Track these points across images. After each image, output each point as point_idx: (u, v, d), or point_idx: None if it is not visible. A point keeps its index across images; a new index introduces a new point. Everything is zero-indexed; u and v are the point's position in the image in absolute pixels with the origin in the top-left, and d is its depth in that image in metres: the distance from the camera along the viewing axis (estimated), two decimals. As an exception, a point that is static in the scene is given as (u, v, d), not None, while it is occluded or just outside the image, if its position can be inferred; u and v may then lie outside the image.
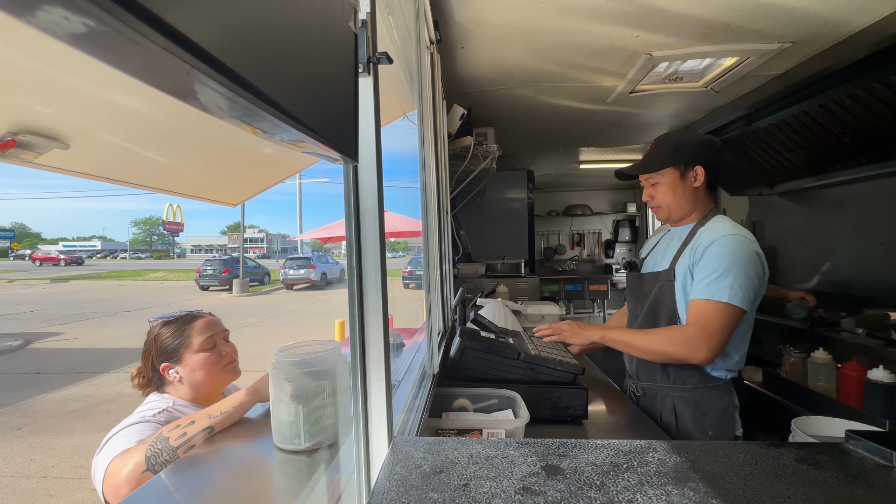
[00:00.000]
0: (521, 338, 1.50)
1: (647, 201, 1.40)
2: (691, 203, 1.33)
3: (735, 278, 1.16)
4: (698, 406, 1.26)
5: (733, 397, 1.25)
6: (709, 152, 1.31)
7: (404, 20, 1.19)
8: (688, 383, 1.27)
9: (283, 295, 15.12)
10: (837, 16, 1.48)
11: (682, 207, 1.34)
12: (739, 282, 1.15)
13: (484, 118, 2.58)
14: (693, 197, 1.33)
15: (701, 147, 1.31)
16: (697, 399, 1.26)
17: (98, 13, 0.16)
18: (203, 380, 1.14)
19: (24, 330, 8.55)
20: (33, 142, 0.78)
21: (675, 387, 1.29)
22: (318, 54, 0.42)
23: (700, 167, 1.30)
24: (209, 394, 1.16)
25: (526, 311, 2.76)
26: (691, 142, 1.32)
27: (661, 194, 1.35)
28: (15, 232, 76.68)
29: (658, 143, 1.36)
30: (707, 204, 1.35)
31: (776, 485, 0.58)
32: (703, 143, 1.32)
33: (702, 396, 1.26)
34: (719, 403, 1.24)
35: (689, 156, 1.31)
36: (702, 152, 1.31)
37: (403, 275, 14.26)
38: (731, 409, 1.24)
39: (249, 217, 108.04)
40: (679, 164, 1.31)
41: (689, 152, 1.31)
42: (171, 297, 14.57)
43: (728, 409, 1.24)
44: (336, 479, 0.68)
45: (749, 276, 1.17)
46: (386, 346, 0.66)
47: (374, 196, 0.65)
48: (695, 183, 1.31)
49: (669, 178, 1.33)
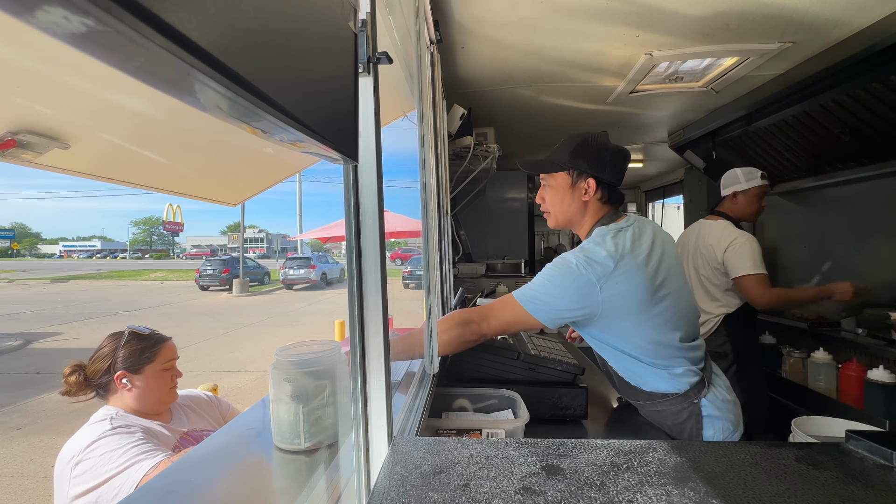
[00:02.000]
0: (521, 338, 1.50)
1: (539, 203, 1.29)
2: (579, 215, 1.22)
3: (535, 285, 1.13)
4: (657, 419, 1.20)
5: (695, 409, 1.14)
6: (607, 164, 1.17)
7: (404, 20, 1.19)
8: (638, 399, 1.20)
9: (283, 295, 15.12)
10: (837, 16, 1.48)
11: (569, 218, 1.23)
12: (536, 290, 1.12)
13: (484, 118, 2.58)
14: (581, 209, 1.21)
15: (599, 157, 1.17)
16: (653, 413, 1.19)
17: (98, 13, 0.16)
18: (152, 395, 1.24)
19: (24, 330, 8.55)
20: (33, 142, 0.78)
21: (634, 401, 1.23)
22: (318, 54, 0.42)
23: (592, 180, 1.17)
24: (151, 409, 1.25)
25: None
26: (591, 150, 1.18)
27: (549, 199, 1.24)
28: (15, 232, 76.72)
29: (563, 142, 1.23)
30: (596, 217, 1.21)
31: (776, 485, 0.58)
32: (603, 152, 1.17)
33: (656, 411, 1.18)
34: (674, 418, 1.15)
35: (584, 164, 1.18)
36: (599, 164, 1.17)
37: (403, 275, 14.27)
38: (689, 423, 1.14)
39: (249, 217, 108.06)
40: (572, 170, 1.19)
41: (585, 160, 1.18)
42: (171, 297, 14.58)
43: (686, 423, 1.14)
44: (336, 479, 0.68)
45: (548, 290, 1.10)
46: (386, 346, 0.66)
47: (374, 196, 0.65)
48: (584, 196, 1.19)
49: (560, 184, 1.21)
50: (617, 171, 1.19)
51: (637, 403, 1.22)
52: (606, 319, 1.10)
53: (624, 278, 1.06)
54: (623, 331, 1.12)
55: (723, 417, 1.15)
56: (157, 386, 1.24)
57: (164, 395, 1.27)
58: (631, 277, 1.07)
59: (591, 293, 1.06)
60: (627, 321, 1.10)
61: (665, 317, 1.11)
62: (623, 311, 1.09)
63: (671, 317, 1.12)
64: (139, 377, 1.21)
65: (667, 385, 1.14)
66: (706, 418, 1.14)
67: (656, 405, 1.17)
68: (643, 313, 1.09)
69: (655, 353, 1.13)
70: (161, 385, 1.25)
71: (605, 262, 1.07)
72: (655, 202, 5.17)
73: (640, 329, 1.11)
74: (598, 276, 1.06)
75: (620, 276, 1.06)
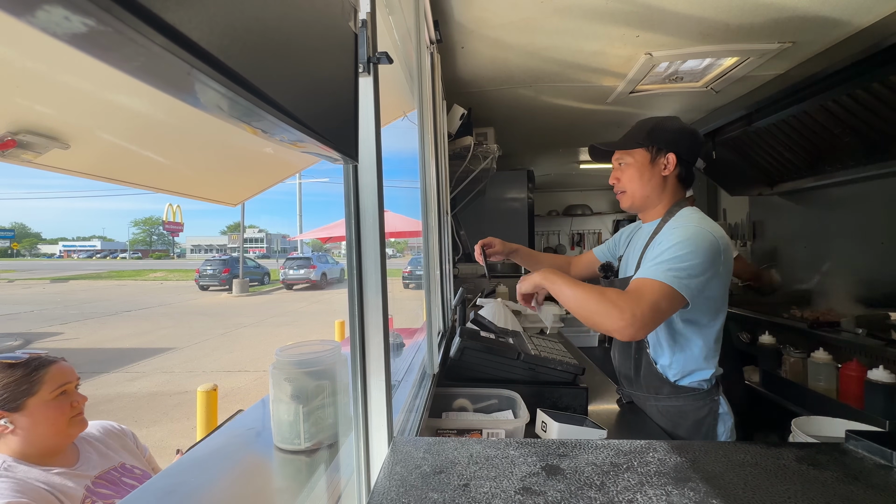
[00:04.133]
0: (521, 338, 1.50)
1: (613, 184, 1.28)
2: (657, 193, 1.22)
3: (681, 262, 1.03)
4: (673, 416, 1.19)
5: (714, 406, 1.17)
6: (686, 142, 1.20)
7: (404, 20, 1.19)
8: (661, 393, 1.20)
9: (283, 295, 15.12)
10: (837, 16, 1.48)
11: (647, 196, 1.23)
12: (687, 270, 1.02)
13: (484, 118, 2.58)
14: (660, 186, 1.21)
15: (679, 135, 1.20)
16: (671, 409, 1.19)
17: (98, 13, 0.16)
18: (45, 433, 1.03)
19: (24, 330, 8.55)
20: (33, 142, 0.78)
21: (650, 396, 1.23)
22: (318, 54, 0.42)
23: (672, 154, 1.19)
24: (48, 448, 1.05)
25: (526, 311, 2.76)
26: (670, 128, 1.21)
27: (626, 177, 1.24)
28: (15, 232, 76.71)
29: (637, 124, 1.26)
30: (676, 197, 1.23)
31: (776, 485, 0.58)
32: (683, 131, 1.21)
33: (675, 406, 1.18)
34: (694, 414, 1.16)
35: (663, 140, 1.19)
36: (679, 140, 1.20)
37: (403, 275, 14.26)
38: (708, 419, 1.16)
39: (249, 217, 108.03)
40: (651, 146, 1.20)
41: (664, 137, 1.19)
42: (170, 297, 14.58)
43: (705, 419, 1.16)
44: (336, 479, 0.68)
45: (701, 268, 1.03)
46: (386, 346, 0.66)
47: (374, 196, 0.65)
48: (664, 171, 1.20)
49: (639, 161, 1.22)
50: (693, 149, 1.22)
51: (653, 397, 1.21)
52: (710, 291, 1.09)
53: (727, 258, 1.09)
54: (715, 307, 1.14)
55: (730, 415, 1.18)
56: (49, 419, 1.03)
57: (61, 428, 1.05)
58: (729, 260, 1.10)
59: (717, 259, 1.06)
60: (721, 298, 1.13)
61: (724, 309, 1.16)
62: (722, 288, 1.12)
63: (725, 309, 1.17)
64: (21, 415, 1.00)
65: (699, 381, 1.16)
66: (721, 416, 1.17)
67: (679, 399, 1.17)
68: (722, 299, 1.14)
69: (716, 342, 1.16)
70: (56, 417, 1.04)
71: (724, 237, 1.09)
72: (655, 202, 5.18)
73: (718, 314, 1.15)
74: (721, 246, 1.07)
75: (727, 254, 1.09)
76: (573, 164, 4.09)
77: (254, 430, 0.85)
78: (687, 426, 1.17)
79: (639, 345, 1.23)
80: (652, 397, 1.22)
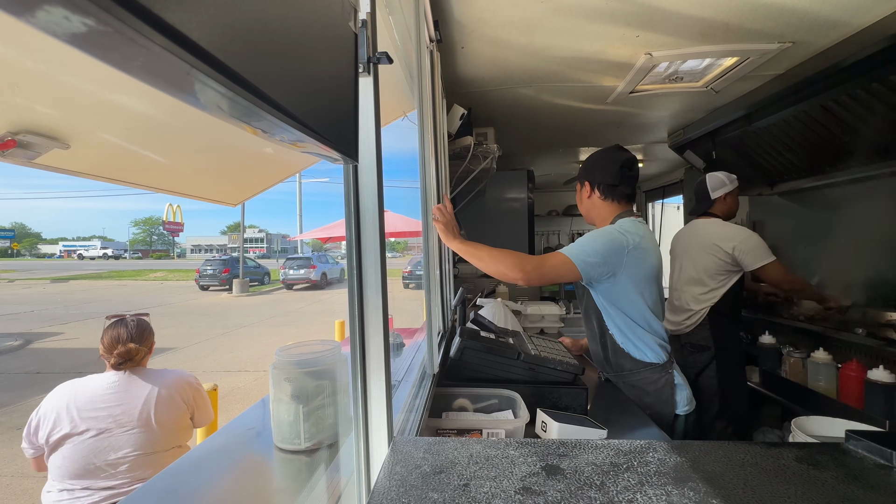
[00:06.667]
0: (521, 338, 1.50)
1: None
2: (595, 213, 1.52)
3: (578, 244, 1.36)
4: (638, 388, 1.41)
5: (669, 378, 1.40)
6: (595, 169, 1.49)
7: (404, 20, 1.19)
8: (624, 369, 1.42)
9: (283, 295, 15.11)
10: (837, 16, 1.48)
11: (590, 217, 1.55)
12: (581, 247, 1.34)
13: (484, 118, 2.58)
14: (595, 207, 1.51)
15: (590, 165, 1.50)
16: (636, 382, 1.41)
17: (98, 13, 0.16)
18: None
19: (24, 330, 8.55)
20: (33, 142, 0.78)
21: (618, 374, 1.45)
22: (318, 54, 0.42)
23: (587, 182, 1.50)
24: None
25: (526, 311, 2.76)
26: (589, 160, 1.52)
27: (578, 204, 1.58)
28: (15, 232, 76.68)
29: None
30: (613, 212, 1.47)
31: (776, 485, 0.58)
32: (594, 160, 1.50)
33: (639, 379, 1.41)
34: (655, 384, 1.39)
35: (580, 173, 1.54)
36: (589, 170, 1.50)
37: (403, 275, 14.25)
38: (667, 389, 1.39)
39: (249, 217, 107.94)
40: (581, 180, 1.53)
41: (582, 171, 1.53)
42: (171, 297, 14.57)
43: (664, 389, 1.39)
44: (336, 479, 0.68)
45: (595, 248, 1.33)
46: (386, 346, 0.66)
47: (374, 196, 0.65)
48: (590, 196, 1.51)
49: (581, 192, 1.55)
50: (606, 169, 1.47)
51: (621, 375, 1.44)
52: (622, 282, 1.35)
53: (642, 253, 1.35)
54: (632, 296, 1.37)
55: (685, 386, 1.43)
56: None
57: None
58: (647, 255, 1.36)
59: (620, 254, 1.33)
60: (637, 288, 1.37)
61: (657, 295, 1.42)
62: (636, 279, 1.36)
63: (660, 297, 1.44)
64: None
65: (652, 354, 1.40)
66: (677, 386, 1.41)
67: (640, 374, 1.41)
68: (648, 286, 1.38)
69: (650, 321, 1.40)
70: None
71: (634, 236, 1.35)
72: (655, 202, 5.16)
73: (644, 298, 1.38)
74: (628, 243, 1.34)
75: (641, 251, 1.35)
76: (573, 164, 4.09)
77: (254, 430, 0.85)
78: (650, 397, 1.39)
79: (602, 330, 1.45)
80: (620, 375, 1.45)
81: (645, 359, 1.40)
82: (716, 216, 2.27)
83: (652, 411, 1.36)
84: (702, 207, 2.32)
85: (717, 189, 2.26)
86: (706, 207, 2.30)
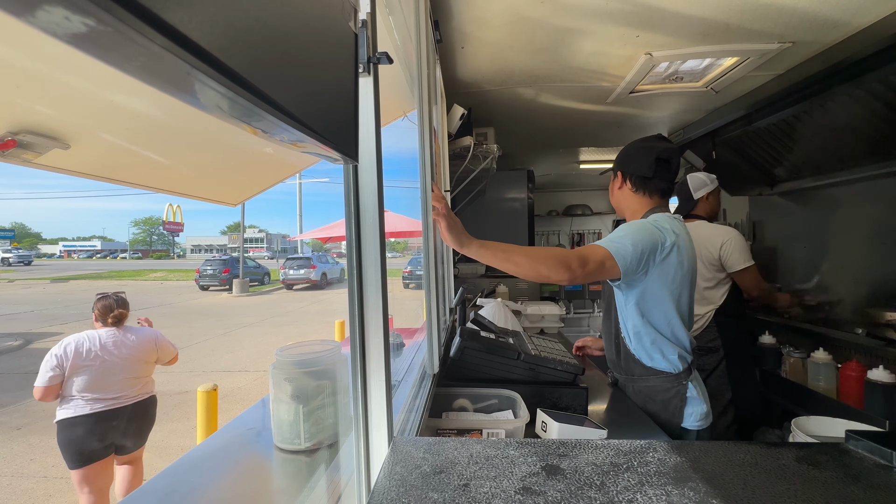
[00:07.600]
0: (521, 338, 1.50)
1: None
2: (625, 205, 1.43)
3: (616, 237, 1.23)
4: (644, 394, 1.34)
5: (681, 389, 1.29)
6: (628, 159, 1.39)
7: (404, 20, 1.19)
8: (634, 374, 1.34)
9: (283, 295, 15.11)
10: (837, 16, 1.48)
11: (620, 209, 1.46)
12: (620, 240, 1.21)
13: (484, 118, 2.58)
14: (626, 200, 1.41)
15: (625, 153, 1.41)
16: (644, 389, 1.34)
17: (98, 13, 0.16)
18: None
19: (24, 330, 8.55)
20: (33, 142, 0.78)
21: (627, 377, 1.37)
22: (318, 54, 0.42)
23: (619, 172, 1.41)
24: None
25: (526, 311, 2.76)
26: (625, 149, 1.42)
27: (610, 195, 1.50)
28: (15, 232, 76.70)
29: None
30: (645, 206, 1.38)
31: (776, 485, 0.58)
32: (628, 148, 1.40)
33: (646, 385, 1.33)
34: (663, 394, 1.30)
35: (616, 163, 1.43)
36: (623, 159, 1.41)
37: (403, 275, 14.24)
38: (675, 401, 1.29)
39: (249, 217, 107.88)
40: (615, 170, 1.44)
41: (617, 160, 1.43)
42: (171, 297, 14.57)
43: (672, 400, 1.29)
44: (336, 479, 0.68)
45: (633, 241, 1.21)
46: (386, 346, 0.66)
47: (374, 196, 0.65)
48: (621, 187, 1.42)
49: (614, 182, 1.46)
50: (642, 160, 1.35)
51: (630, 378, 1.36)
52: (652, 283, 1.25)
53: (677, 253, 1.24)
54: (661, 299, 1.26)
55: (701, 401, 1.31)
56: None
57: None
58: (682, 255, 1.26)
59: (654, 251, 1.22)
60: (668, 291, 1.26)
61: (688, 302, 1.31)
62: (667, 281, 1.25)
63: (691, 304, 1.32)
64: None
65: (665, 363, 1.29)
66: (689, 399, 1.30)
67: (650, 380, 1.32)
68: (680, 290, 1.27)
69: (674, 328, 1.28)
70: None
71: (671, 234, 1.25)
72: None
73: (673, 302, 1.27)
74: (664, 240, 1.23)
75: (676, 250, 1.24)
76: (573, 164, 4.09)
77: (254, 430, 0.85)
78: (655, 405, 1.31)
79: (617, 331, 1.37)
80: (630, 378, 1.36)
81: (657, 367, 1.30)
82: (700, 217, 2.31)
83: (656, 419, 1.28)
84: (686, 208, 2.35)
85: (700, 189, 2.29)
86: (690, 208, 2.33)
